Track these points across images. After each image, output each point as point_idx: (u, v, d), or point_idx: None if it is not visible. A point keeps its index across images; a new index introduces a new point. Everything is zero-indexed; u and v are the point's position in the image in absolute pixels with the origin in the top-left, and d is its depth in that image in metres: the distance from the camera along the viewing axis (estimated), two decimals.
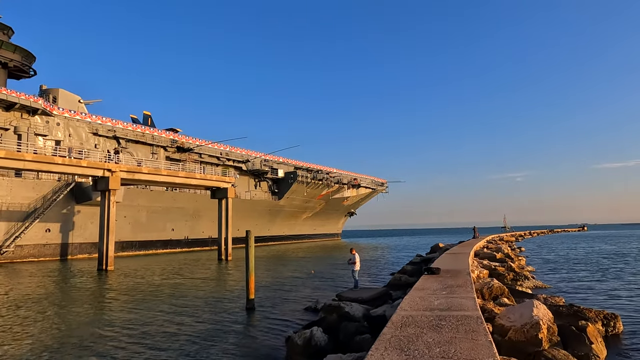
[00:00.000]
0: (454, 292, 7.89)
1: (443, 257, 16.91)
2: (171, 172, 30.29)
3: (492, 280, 10.79)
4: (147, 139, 46.75)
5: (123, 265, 30.87)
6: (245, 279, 12.31)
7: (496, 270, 15.38)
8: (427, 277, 10.39)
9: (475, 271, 14.43)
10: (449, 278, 10.04)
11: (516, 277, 15.38)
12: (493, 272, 15.09)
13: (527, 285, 14.83)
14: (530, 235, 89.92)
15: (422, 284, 9.19)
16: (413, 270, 18.44)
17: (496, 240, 46.68)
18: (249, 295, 12.13)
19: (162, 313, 12.36)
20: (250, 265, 12.12)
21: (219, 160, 55.54)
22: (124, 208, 43.39)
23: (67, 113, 39.84)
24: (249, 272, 12.13)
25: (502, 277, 14.88)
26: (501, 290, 10.31)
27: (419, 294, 7.67)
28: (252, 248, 12.32)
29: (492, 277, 15.14)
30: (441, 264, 14.14)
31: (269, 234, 67.44)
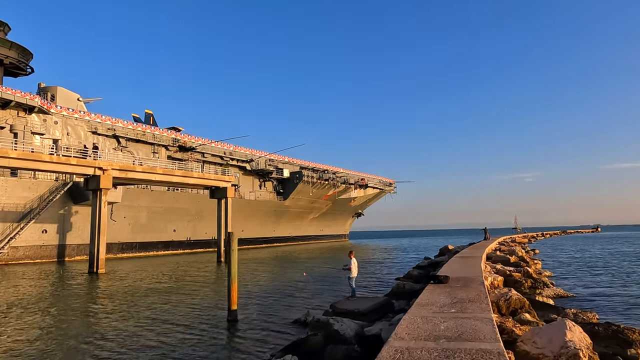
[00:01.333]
0: (465, 309, 6.38)
1: (452, 262, 15.35)
2: (167, 171, 29.08)
3: (509, 291, 9.24)
4: (148, 138, 45.74)
5: (117, 268, 29.76)
6: (227, 286, 10.90)
7: (512, 277, 13.81)
8: (434, 287, 8.88)
9: (488, 278, 12.86)
10: (459, 289, 8.53)
11: (534, 284, 13.79)
12: (508, 279, 13.51)
13: (547, 293, 13.23)
14: (543, 236, 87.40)
15: (427, 297, 7.68)
16: (419, 275, 16.89)
17: (508, 241, 44.77)
18: (231, 305, 10.73)
19: (134, 323, 11.05)
20: (232, 272, 10.72)
21: (223, 159, 54.40)
22: (124, 208, 42.43)
23: (65, 111, 38.95)
24: (231, 279, 10.73)
25: (518, 285, 13.29)
26: (521, 303, 8.75)
27: (421, 312, 6.17)
28: (235, 252, 10.92)
29: (508, 284, 13.56)
30: (450, 269, 12.60)
31: (274, 235, 66.16)
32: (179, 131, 50.32)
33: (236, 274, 10.83)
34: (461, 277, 10.36)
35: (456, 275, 10.76)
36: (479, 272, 11.60)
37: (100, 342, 9.26)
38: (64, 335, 10.01)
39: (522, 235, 67.13)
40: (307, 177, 62.83)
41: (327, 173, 67.43)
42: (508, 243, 40.68)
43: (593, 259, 31.40)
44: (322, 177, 65.55)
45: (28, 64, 37.80)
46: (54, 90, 40.25)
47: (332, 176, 67.75)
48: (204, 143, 51.22)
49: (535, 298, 11.40)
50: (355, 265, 11.73)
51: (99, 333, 10.16)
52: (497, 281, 12.93)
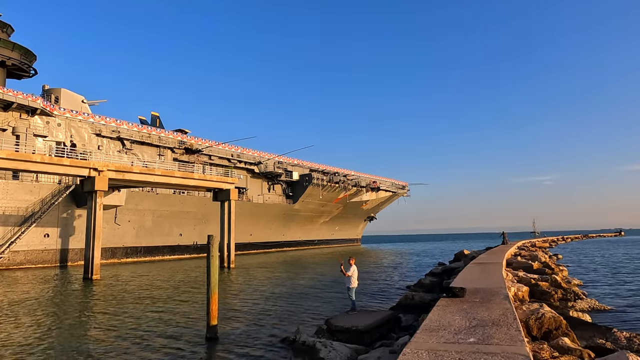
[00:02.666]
0: (489, 337, 4.75)
1: (469, 269, 13.61)
2: (166, 172, 27.88)
3: (541, 307, 7.54)
4: (154, 140, 44.87)
5: (117, 273, 28.66)
6: (206, 299, 9.41)
7: (538, 287, 12.03)
8: (447, 303, 7.24)
9: (512, 288, 11.12)
10: (479, 305, 6.87)
11: (565, 295, 11.98)
12: (535, 289, 11.75)
13: (580, 306, 11.42)
14: (564, 240, 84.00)
15: (439, 316, 6.05)
16: (432, 284, 15.18)
17: (528, 246, 42.45)
18: (210, 320, 9.23)
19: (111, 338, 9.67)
20: (212, 282, 9.23)
21: (230, 162, 53.27)
22: (128, 212, 41.55)
23: (68, 113, 38.29)
24: (211, 290, 9.24)
25: (547, 296, 11.51)
26: (556, 323, 7.04)
27: (428, 343, 4.56)
28: (215, 259, 9.43)
29: (534, 295, 11.78)
30: (467, 278, 10.90)
31: (283, 239, 64.78)
32: (185, 133, 49.41)
33: (216, 284, 9.34)
34: (480, 289, 8.67)
35: (474, 286, 9.07)
36: (501, 282, 9.88)
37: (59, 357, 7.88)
38: (23, 350, 8.67)
39: (542, 240, 64.32)
40: (317, 180, 61.32)
41: (338, 175, 65.79)
42: (528, 248, 38.43)
43: (620, 265, 29.12)
44: (332, 180, 63.95)
45: (31, 66, 37.32)
46: (58, 92, 39.69)
47: (342, 179, 66.07)
48: (211, 145, 50.20)
49: (569, 313, 9.63)
50: (356, 273, 10.13)
51: (61, 349, 8.78)
52: (522, 292, 11.17)
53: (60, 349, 9.00)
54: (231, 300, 15.38)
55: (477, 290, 8.53)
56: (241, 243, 56.28)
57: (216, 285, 9.32)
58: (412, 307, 10.75)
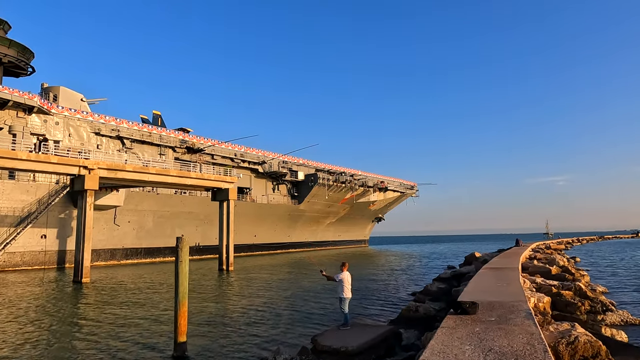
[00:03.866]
0: None
1: (481, 275, 12.11)
2: (161, 171, 26.72)
3: (572, 328, 6.06)
4: (154, 139, 43.92)
5: (111, 276, 27.61)
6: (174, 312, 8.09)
7: (562, 297, 10.50)
8: (455, 322, 5.81)
9: (531, 299, 9.61)
10: (495, 327, 5.43)
11: (593, 306, 10.43)
12: (558, 300, 10.22)
13: (611, 320, 9.87)
14: (579, 242, 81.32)
15: (443, 345, 4.63)
16: (439, 291, 13.70)
17: (543, 248, 40.50)
18: (178, 337, 7.90)
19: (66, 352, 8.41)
20: (180, 292, 7.91)
21: (233, 161, 52.16)
22: (128, 213, 40.62)
23: (66, 112, 37.47)
24: (179, 301, 7.92)
25: (572, 307, 9.98)
26: (594, 349, 5.57)
27: None
28: (185, 265, 8.10)
29: (557, 307, 10.25)
30: (479, 288, 9.42)
31: (289, 240, 63.48)
32: (187, 132, 48.42)
33: (186, 294, 8.02)
34: (495, 303, 7.20)
35: (488, 299, 7.61)
36: (520, 294, 8.39)
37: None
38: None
39: (556, 242, 62.08)
40: (323, 180, 59.91)
41: (344, 175, 64.31)
42: (543, 250, 36.54)
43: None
44: (338, 180, 62.49)
45: (29, 64, 36.61)
46: (57, 90, 38.91)
47: (349, 179, 64.57)
48: (213, 144, 49.12)
49: (602, 330, 8.11)
50: (349, 281, 8.71)
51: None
52: (543, 303, 9.66)
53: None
54: (215, 308, 14.07)
55: (491, 304, 7.06)
56: (245, 244, 55.13)
57: (186, 295, 8.00)
58: (415, 321, 9.32)
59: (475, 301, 6.49)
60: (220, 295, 17.81)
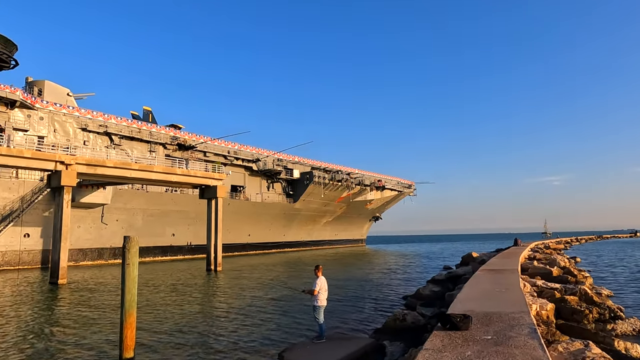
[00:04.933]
0: None
1: (477, 278, 11.04)
2: (144, 166, 25.54)
3: (586, 348, 4.99)
4: (144, 136, 42.75)
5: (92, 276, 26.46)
6: (119, 323, 7.00)
7: (566, 303, 9.44)
8: (443, 342, 4.73)
9: (532, 306, 8.55)
10: (492, 349, 4.35)
11: (601, 313, 9.36)
12: (562, 307, 9.16)
13: (622, 329, 8.81)
14: (578, 241, 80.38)
15: None
16: (432, 295, 12.62)
17: (542, 248, 39.49)
18: (123, 352, 6.81)
19: None
20: (126, 300, 6.82)
21: (226, 159, 51.02)
22: (116, 211, 39.49)
23: (52, 106, 36.28)
24: (125, 311, 6.83)
25: (578, 315, 8.91)
26: None
27: None
28: (132, 269, 7.03)
29: (562, 314, 9.18)
30: (474, 294, 8.35)
31: (284, 239, 62.36)
32: (178, 129, 47.26)
33: (134, 303, 6.94)
34: (492, 314, 6.12)
35: (483, 309, 6.52)
36: (520, 301, 7.31)
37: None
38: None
39: (555, 241, 61.09)
40: (319, 178, 58.79)
41: (341, 174, 63.20)
42: (542, 250, 35.51)
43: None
44: (334, 178, 61.37)
45: (12, 56, 35.37)
46: (42, 85, 37.72)
47: (345, 177, 63.49)
48: (206, 141, 47.96)
49: (614, 343, 7.04)
50: (325, 287, 7.63)
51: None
52: (547, 311, 8.58)
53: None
54: (183, 315, 12.94)
55: (488, 316, 5.98)
56: (239, 244, 54.01)
57: (134, 304, 6.92)
58: (402, 331, 8.23)
59: (467, 314, 5.40)
60: (196, 299, 16.69)
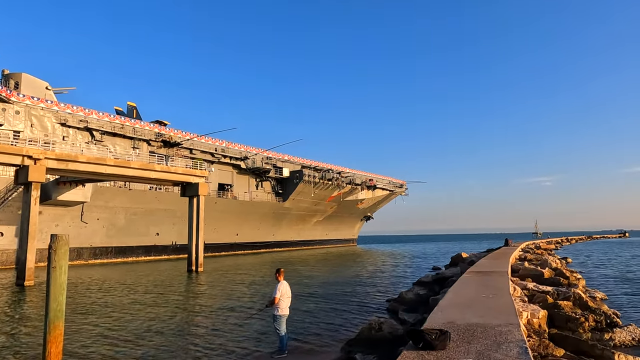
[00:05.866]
0: None
1: (464, 282, 10.16)
2: (120, 162, 24.37)
3: None
4: (127, 132, 41.44)
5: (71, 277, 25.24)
6: (43, 336, 5.97)
7: (560, 309, 8.59)
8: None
9: (523, 313, 7.67)
10: None
11: (598, 321, 8.52)
12: (556, 314, 8.31)
13: (620, 338, 7.98)
14: (568, 242, 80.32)
15: None
16: (417, 299, 11.73)
17: (532, 248, 38.92)
18: None
19: None
20: (51, 309, 5.79)
21: (214, 156, 49.86)
22: (97, 209, 38.20)
23: (29, 100, 34.90)
24: (50, 322, 5.81)
25: (574, 324, 8.06)
26: None
27: None
28: (62, 272, 5.98)
29: (555, 322, 8.32)
30: (458, 300, 7.45)
31: (273, 239, 61.32)
32: (164, 125, 46.01)
33: (61, 313, 5.91)
34: (476, 327, 5.20)
35: (467, 319, 5.61)
36: (509, 310, 6.42)
37: None
38: None
39: (546, 241, 60.77)
40: (309, 177, 57.82)
41: (331, 172, 62.28)
42: (533, 250, 34.91)
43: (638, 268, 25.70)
44: (325, 177, 60.44)
45: None
46: (18, 77, 36.32)
47: (336, 176, 62.57)
48: (192, 138, 46.75)
49: (614, 357, 6.18)
50: (287, 294, 6.67)
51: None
52: (538, 319, 7.72)
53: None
54: (138, 323, 11.85)
55: (471, 329, 5.06)
56: (226, 243, 52.85)
57: (59, 314, 5.90)
58: (377, 342, 7.31)
59: (445, 329, 4.47)
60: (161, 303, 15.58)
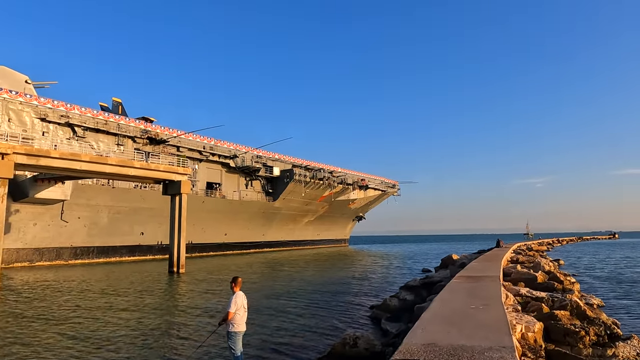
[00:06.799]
0: None
1: (452, 289, 9.31)
2: (95, 158, 23.21)
3: None
4: (111, 128, 40.20)
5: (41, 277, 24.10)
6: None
7: (557, 320, 7.75)
8: None
9: (517, 326, 6.82)
10: None
11: (599, 334, 7.71)
12: (553, 327, 7.49)
13: (624, 353, 7.16)
14: (560, 243, 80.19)
15: None
16: (401, 306, 10.86)
17: (524, 249, 38.32)
18: None
19: None
20: None
21: (202, 154, 48.74)
22: (78, 208, 36.95)
23: (6, 94, 33.58)
24: None
25: (573, 337, 7.24)
26: None
27: None
28: None
29: (552, 336, 7.49)
30: (443, 312, 6.58)
31: (263, 239, 60.33)
32: (150, 122, 44.79)
33: None
34: (463, 351, 4.33)
35: (450, 341, 4.74)
36: (502, 327, 5.55)
37: None
38: None
39: (537, 242, 60.37)
40: (299, 176, 56.87)
41: (323, 172, 61.38)
42: (525, 252, 34.28)
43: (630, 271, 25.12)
44: (316, 177, 59.53)
45: None
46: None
47: (327, 175, 61.69)
48: (179, 135, 45.58)
49: None
50: (244, 306, 5.70)
51: None
52: (534, 333, 6.87)
53: None
54: (96, 326, 10.87)
55: (455, 354, 4.18)
56: (215, 243, 51.74)
57: None
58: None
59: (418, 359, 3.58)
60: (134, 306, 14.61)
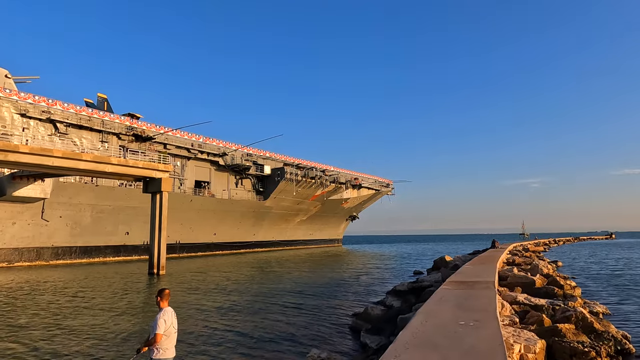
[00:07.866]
0: None
1: (440, 298, 8.21)
2: (69, 154, 21.92)
3: None
4: (95, 124, 38.86)
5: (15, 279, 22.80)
6: None
7: (563, 337, 6.70)
8: None
9: (515, 346, 5.74)
10: None
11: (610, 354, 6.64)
12: (556, 344, 6.44)
13: None
14: (556, 243, 79.49)
15: None
16: (383, 315, 9.74)
17: (520, 250, 37.39)
18: None
19: None
20: None
21: (190, 152, 47.47)
22: (60, 206, 35.63)
23: None
24: None
25: (579, 357, 6.18)
26: None
27: None
28: None
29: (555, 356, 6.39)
30: (426, 329, 5.49)
31: (254, 239, 59.12)
32: (136, 118, 43.46)
33: None
34: None
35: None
36: (495, 349, 4.44)
37: None
38: None
39: (533, 242, 59.55)
40: (291, 175, 55.69)
41: (315, 171, 60.22)
42: (521, 252, 33.33)
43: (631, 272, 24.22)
44: (307, 175, 58.38)
45: None
46: None
47: (319, 174, 60.54)
48: (167, 132, 44.28)
49: None
50: (173, 325, 4.50)
51: None
52: (535, 354, 5.78)
53: None
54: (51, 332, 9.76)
55: None
56: (203, 243, 50.49)
57: None
58: None
59: None
60: (89, 313, 13.44)
